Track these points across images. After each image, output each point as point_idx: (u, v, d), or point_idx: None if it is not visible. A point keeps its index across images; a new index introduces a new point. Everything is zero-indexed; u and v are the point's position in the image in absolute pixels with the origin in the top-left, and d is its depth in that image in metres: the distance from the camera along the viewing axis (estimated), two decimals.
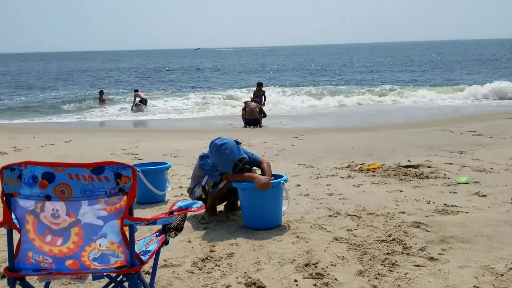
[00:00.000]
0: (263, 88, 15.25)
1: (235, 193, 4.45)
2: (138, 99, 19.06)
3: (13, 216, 2.05)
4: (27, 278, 2.09)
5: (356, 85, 27.19)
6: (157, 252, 2.41)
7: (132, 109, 18.90)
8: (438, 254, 3.40)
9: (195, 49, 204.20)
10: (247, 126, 13.27)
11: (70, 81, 36.68)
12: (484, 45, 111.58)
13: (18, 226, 2.05)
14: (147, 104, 19.16)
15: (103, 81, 36.03)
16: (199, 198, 4.39)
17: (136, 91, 20.15)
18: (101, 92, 21.28)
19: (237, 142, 4.27)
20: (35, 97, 24.53)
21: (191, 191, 4.52)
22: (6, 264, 2.08)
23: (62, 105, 20.36)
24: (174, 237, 2.51)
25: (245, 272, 3.19)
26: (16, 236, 2.03)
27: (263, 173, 4.24)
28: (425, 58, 57.78)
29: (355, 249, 3.53)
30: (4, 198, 2.03)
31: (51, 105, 20.82)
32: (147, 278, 2.84)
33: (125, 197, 2.01)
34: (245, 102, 13.73)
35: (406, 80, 29.77)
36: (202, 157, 4.38)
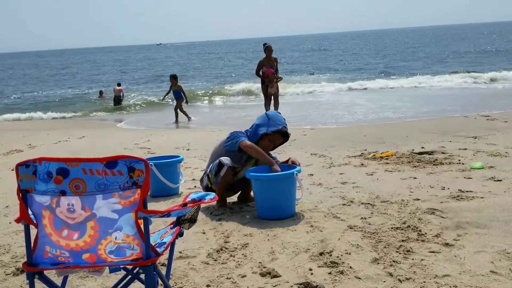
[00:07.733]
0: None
1: (248, 182, 4.46)
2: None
3: (30, 212, 2.08)
4: (45, 272, 2.13)
5: None
6: (172, 244, 2.43)
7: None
8: (454, 240, 3.38)
9: (157, 44, 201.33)
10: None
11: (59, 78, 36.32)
12: None
13: (35, 222, 2.08)
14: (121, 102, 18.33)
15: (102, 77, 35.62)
16: (207, 187, 4.42)
17: (118, 85, 19.33)
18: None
19: None
20: (34, 94, 24.43)
21: (201, 179, 4.57)
22: (25, 259, 2.11)
23: (68, 103, 20.36)
24: (189, 228, 2.53)
25: (260, 262, 3.20)
26: (33, 231, 2.07)
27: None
28: None
29: (370, 237, 3.52)
30: (20, 194, 2.06)
31: (57, 103, 20.85)
32: (163, 270, 2.87)
33: (138, 190, 2.03)
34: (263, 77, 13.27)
35: None
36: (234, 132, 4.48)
